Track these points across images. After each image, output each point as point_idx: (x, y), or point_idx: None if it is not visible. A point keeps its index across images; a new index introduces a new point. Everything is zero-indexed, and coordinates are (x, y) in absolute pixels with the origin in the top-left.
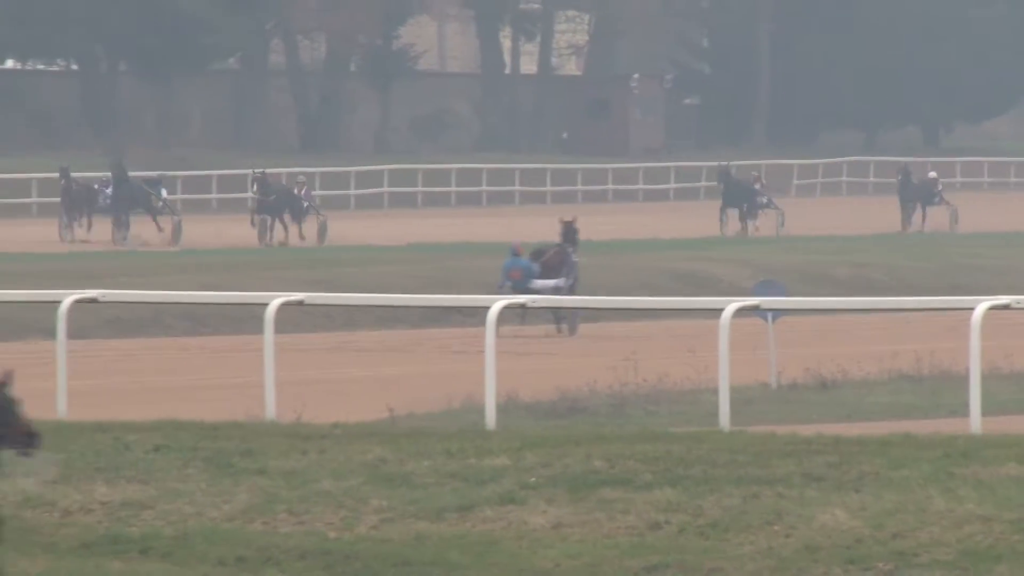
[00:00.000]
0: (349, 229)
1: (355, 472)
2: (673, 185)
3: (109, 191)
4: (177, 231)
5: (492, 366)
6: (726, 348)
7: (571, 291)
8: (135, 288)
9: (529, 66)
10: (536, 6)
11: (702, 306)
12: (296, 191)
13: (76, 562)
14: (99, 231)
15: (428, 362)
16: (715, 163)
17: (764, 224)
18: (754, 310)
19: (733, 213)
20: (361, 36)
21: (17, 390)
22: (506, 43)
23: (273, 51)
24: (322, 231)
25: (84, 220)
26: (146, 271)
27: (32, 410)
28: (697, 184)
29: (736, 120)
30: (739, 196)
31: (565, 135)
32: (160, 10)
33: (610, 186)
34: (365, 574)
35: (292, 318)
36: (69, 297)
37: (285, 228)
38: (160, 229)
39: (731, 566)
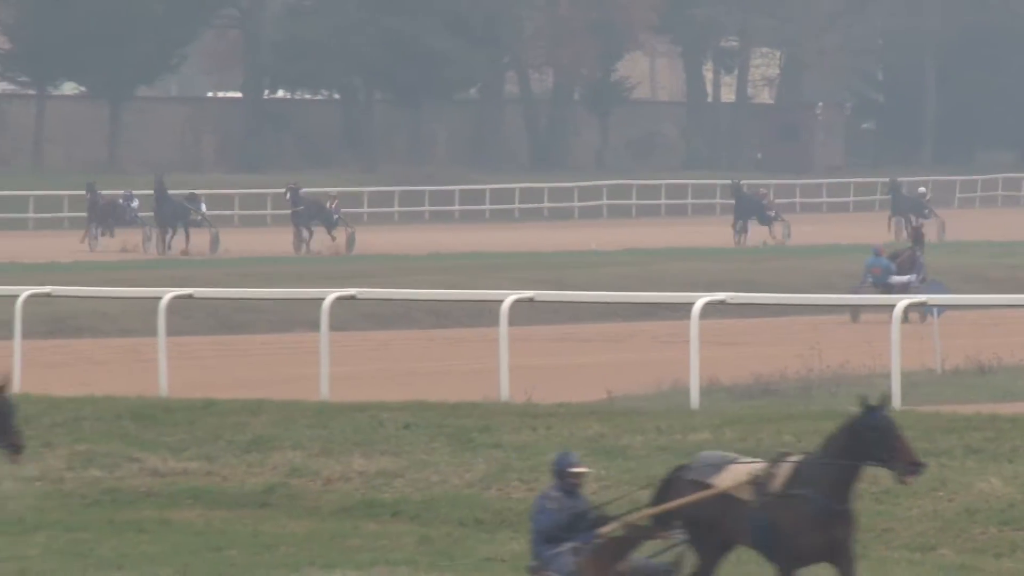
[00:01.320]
0: (572, 236)
1: (577, 445)
2: (852, 198)
3: (135, 204)
4: (215, 242)
5: (696, 354)
6: (897, 338)
7: (921, 286)
8: (386, 287)
9: (728, 95)
10: (735, 43)
11: (877, 302)
12: (328, 204)
13: (336, 524)
14: (122, 241)
15: (640, 350)
16: (887, 179)
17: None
18: (921, 306)
19: (746, 225)
20: (584, 69)
21: (290, 376)
22: (708, 75)
23: (508, 82)
24: (350, 241)
25: (109, 231)
26: (395, 272)
27: (299, 393)
28: (873, 197)
29: (906, 142)
30: (749, 210)
31: (759, 155)
32: (411, 46)
33: (797, 199)
34: None
35: (523, 312)
36: (331, 295)
37: (311, 235)
38: (188, 240)
39: (901, 527)
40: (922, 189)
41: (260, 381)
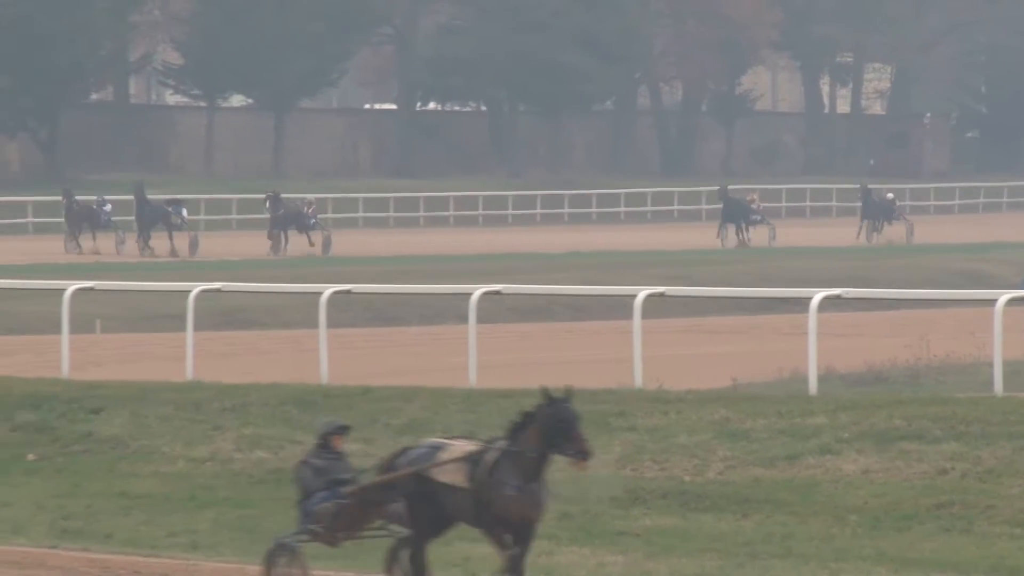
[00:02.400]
0: (701, 237)
1: (705, 429)
2: (958, 201)
3: (107, 208)
4: (194, 244)
5: (814, 344)
6: (999, 330)
7: None
8: (529, 283)
9: (843, 107)
10: (849, 59)
11: (980, 297)
12: (305, 209)
13: None
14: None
15: (762, 341)
16: (990, 184)
17: (750, 236)
18: (1022, 300)
19: (731, 228)
20: (711, 83)
21: (440, 364)
22: (825, 88)
23: (640, 95)
24: (326, 244)
25: (88, 234)
26: (537, 269)
27: (448, 381)
28: (977, 200)
29: (1007, 150)
30: (736, 213)
31: (872, 161)
32: (552, 63)
33: (907, 202)
34: (713, 510)
35: (654, 306)
36: (478, 290)
37: (286, 239)
38: (173, 243)
39: (1003, 504)
40: (890, 195)
41: (413, 369)
